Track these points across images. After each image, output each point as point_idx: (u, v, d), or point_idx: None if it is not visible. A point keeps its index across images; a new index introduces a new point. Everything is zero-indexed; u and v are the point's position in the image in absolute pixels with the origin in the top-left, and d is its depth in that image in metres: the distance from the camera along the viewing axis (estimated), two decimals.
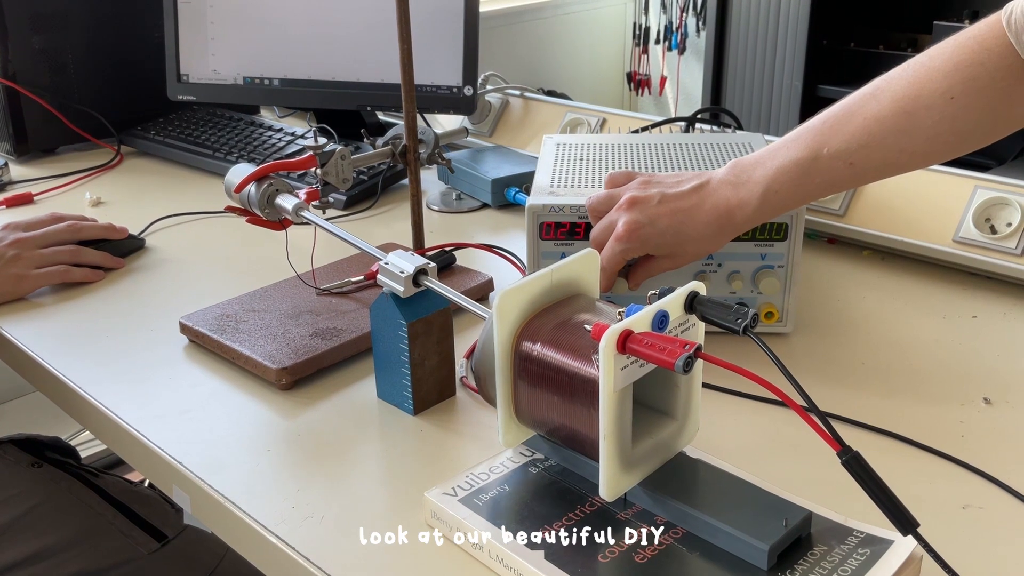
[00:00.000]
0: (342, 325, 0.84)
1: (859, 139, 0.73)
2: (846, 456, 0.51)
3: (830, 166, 0.74)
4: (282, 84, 1.41)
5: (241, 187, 0.86)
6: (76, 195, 1.31)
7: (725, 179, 0.78)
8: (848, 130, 0.74)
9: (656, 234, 0.78)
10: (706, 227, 0.78)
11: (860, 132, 0.73)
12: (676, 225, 0.78)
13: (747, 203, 0.76)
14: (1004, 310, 0.91)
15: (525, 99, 1.42)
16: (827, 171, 0.74)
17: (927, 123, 0.71)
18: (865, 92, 0.75)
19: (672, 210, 0.78)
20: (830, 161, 0.74)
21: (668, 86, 3.31)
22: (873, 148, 0.73)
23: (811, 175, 0.75)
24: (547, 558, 0.55)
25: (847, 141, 0.73)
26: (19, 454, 1.04)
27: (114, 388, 0.80)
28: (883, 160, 0.74)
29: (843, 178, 0.75)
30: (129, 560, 0.94)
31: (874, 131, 0.73)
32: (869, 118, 0.73)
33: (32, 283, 0.98)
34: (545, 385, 0.60)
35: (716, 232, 0.78)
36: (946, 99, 0.70)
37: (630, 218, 0.78)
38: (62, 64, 1.46)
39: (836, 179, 0.75)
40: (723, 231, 0.78)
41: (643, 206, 0.78)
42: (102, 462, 1.66)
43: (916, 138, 0.72)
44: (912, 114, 0.71)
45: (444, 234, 1.12)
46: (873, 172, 0.77)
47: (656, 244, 0.79)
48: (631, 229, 0.78)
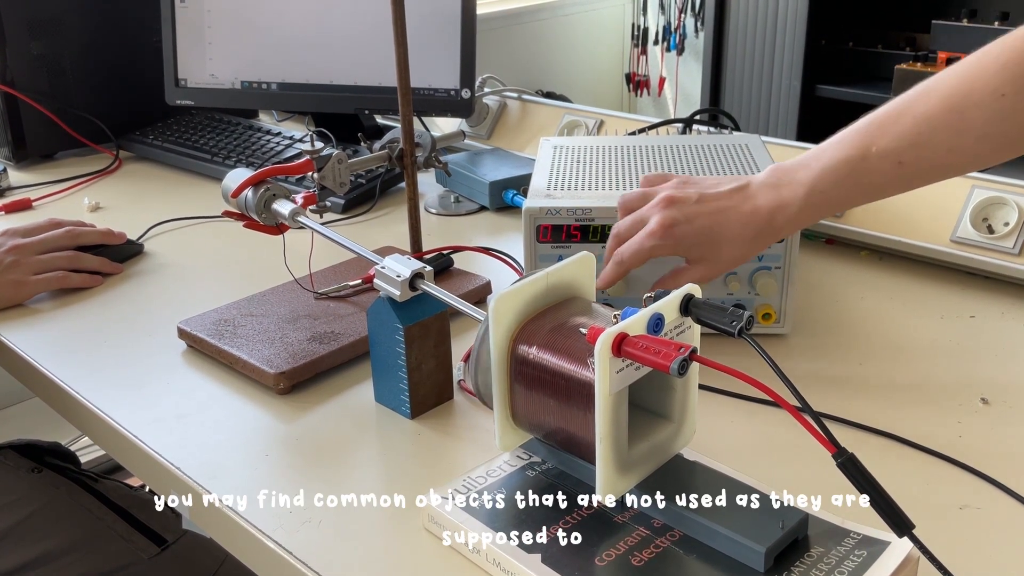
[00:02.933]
0: (340, 329, 0.84)
1: (908, 138, 0.70)
2: (841, 458, 0.51)
3: (879, 166, 0.71)
4: (280, 88, 1.41)
5: (238, 192, 0.86)
6: (74, 200, 1.31)
7: (766, 181, 0.75)
8: (897, 129, 0.71)
9: (692, 233, 0.75)
10: (743, 228, 0.74)
11: (909, 131, 0.70)
12: (712, 225, 0.75)
13: (789, 204, 0.74)
14: (1002, 310, 0.91)
15: (523, 101, 1.42)
16: (876, 171, 0.72)
17: (977, 122, 0.69)
18: (914, 92, 0.72)
19: (710, 210, 0.75)
20: (879, 161, 0.71)
21: (667, 87, 3.31)
22: (923, 147, 0.70)
23: (859, 175, 0.72)
24: (544, 561, 0.55)
25: (896, 140, 0.71)
26: (19, 460, 1.04)
27: (112, 393, 0.80)
28: (933, 160, 0.71)
29: (892, 179, 0.72)
30: (129, 565, 0.94)
31: (923, 130, 0.70)
32: (919, 117, 0.70)
33: (30, 289, 0.98)
34: (541, 388, 0.60)
35: (754, 235, 0.75)
36: (996, 96, 0.68)
37: (666, 215, 0.75)
38: (60, 70, 1.46)
39: (885, 181, 0.72)
40: (761, 234, 0.75)
41: (681, 204, 0.75)
42: (102, 467, 1.66)
43: (966, 137, 0.69)
44: (962, 112, 0.69)
45: (442, 237, 1.12)
46: (923, 174, 0.73)
47: (689, 244, 0.75)
48: (666, 225, 0.75)
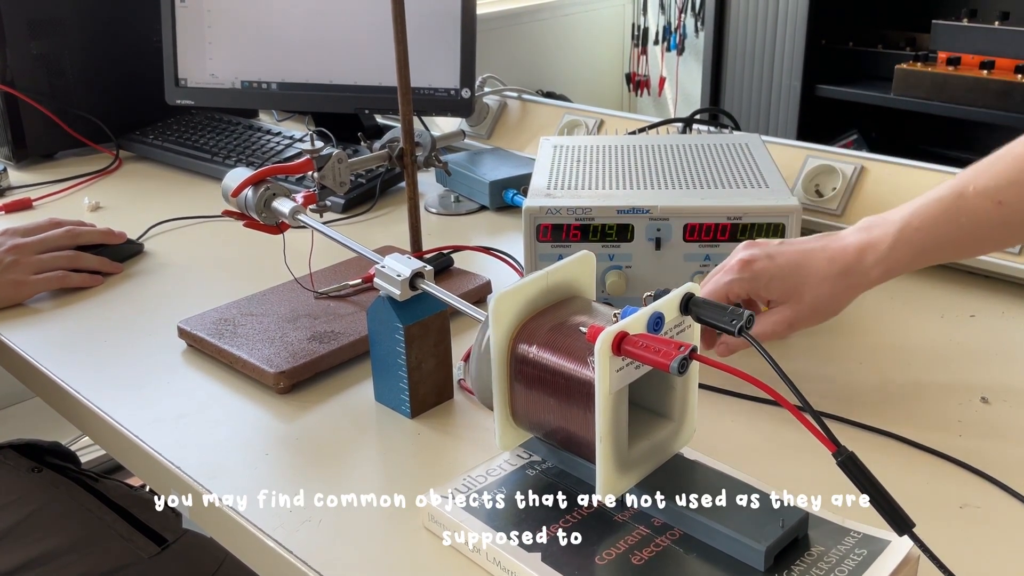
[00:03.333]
0: (340, 328, 0.84)
1: (1008, 176, 0.68)
2: (841, 456, 0.51)
3: (976, 204, 0.69)
4: (280, 88, 1.41)
5: (237, 191, 0.86)
6: (75, 200, 1.31)
7: (857, 226, 0.73)
8: (996, 168, 0.69)
9: (773, 267, 0.72)
10: (830, 264, 0.71)
11: (1009, 169, 0.69)
12: (795, 262, 0.71)
13: (880, 241, 0.71)
14: (1002, 309, 0.91)
15: (523, 101, 1.42)
16: (973, 210, 0.69)
17: None
18: (1017, 141, 0.70)
19: (795, 249, 0.73)
20: (976, 199, 0.69)
21: (667, 87, 3.31)
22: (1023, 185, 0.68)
23: (955, 213, 0.69)
24: (544, 560, 0.55)
25: (995, 178, 0.69)
26: (19, 459, 1.04)
27: (112, 393, 0.80)
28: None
29: (990, 218, 0.69)
30: (129, 564, 0.94)
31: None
32: (1019, 156, 0.69)
33: (31, 289, 0.98)
34: (541, 387, 0.60)
35: (841, 271, 0.71)
36: None
37: (746, 253, 0.73)
38: (60, 70, 1.46)
39: (982, 219, 0.69)
40: (849, 271, 0.71)
41: (763, 245, 0.74)
42: (102, 467, 1.66)
43: None
44: None
45: (442, 236, 1.12)
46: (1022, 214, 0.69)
47: (769, 280, 0.72)
48: (745, 261, 0.72)
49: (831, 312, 0.74)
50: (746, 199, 0.85)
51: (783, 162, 1.03)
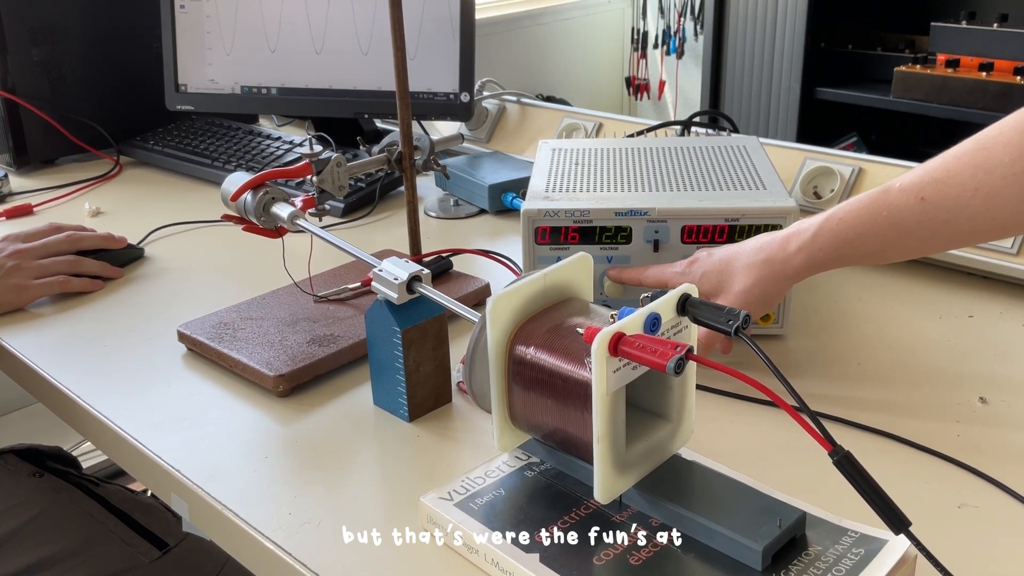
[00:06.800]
0: (339, 332, 0.85)
1: (933, 174, 0.70)
2: (837, 456, 0.51)
3: (898, 199, 0.70)
4: (279, 93, 1.41)
5: (237, 196, 0.86)
6: (75, 206, 1.31)
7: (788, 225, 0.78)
8: (925, 168, 0.70)
9: (708, 262, 0.78)
10: (755, 253, 0.75)
11: (936, 167, 0.70)
12: (728, 256, 0.77)
13: (804, 230, 0.74)
14: (1000, 309, 0.91)
15: (522, 105, 1.42)
16: (896, 204, 0.71)
17: (1004, 160, 0.67)
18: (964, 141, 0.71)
19: (734, 247, 0.78)
20: (899, 194, 0.70)
21: (667, 90, 3.31)
22: (946, 183, 0.69)
23: (878, 206, 0.71)
24: (542, 561, 0.55)
25: (921, 176, 0.70)
26: (20, 464, 1.04)
27: (112, 397, 0.81)
28: (956, 198, 0.69)
29: (912, 214, 0.70)
30: (130, 569, 0.94)
31: (950, 166, 0.69)
32: (948, 156, 0.70)
33: (31, 293, 0.98)
34: (539, 389, 0.60)
35: (765, 259, 0.74)
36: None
37: (696, 254, 0.81)
38: (61, 76, 1.47)
39: (904, 215, 0.71)
40: (772, 260, 0.74)
41: (708, 249, 0.81)
42: (104, 472, 1.66)
43: (992, 175, 0.67)
44: (990, 150, 0.67)
45: (441, 240, 1.12)
46: (944, 211, 0.70)
47: (702, 275, 0.78)
48: (691, 260, 0.81)
49: (761, 301, 0.76)
50: (743, 200, 0.85)
51: (781, 164, 1.03)
